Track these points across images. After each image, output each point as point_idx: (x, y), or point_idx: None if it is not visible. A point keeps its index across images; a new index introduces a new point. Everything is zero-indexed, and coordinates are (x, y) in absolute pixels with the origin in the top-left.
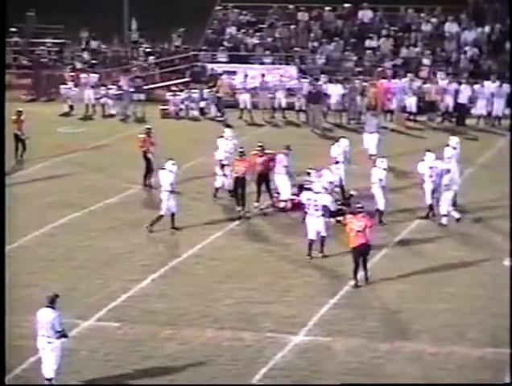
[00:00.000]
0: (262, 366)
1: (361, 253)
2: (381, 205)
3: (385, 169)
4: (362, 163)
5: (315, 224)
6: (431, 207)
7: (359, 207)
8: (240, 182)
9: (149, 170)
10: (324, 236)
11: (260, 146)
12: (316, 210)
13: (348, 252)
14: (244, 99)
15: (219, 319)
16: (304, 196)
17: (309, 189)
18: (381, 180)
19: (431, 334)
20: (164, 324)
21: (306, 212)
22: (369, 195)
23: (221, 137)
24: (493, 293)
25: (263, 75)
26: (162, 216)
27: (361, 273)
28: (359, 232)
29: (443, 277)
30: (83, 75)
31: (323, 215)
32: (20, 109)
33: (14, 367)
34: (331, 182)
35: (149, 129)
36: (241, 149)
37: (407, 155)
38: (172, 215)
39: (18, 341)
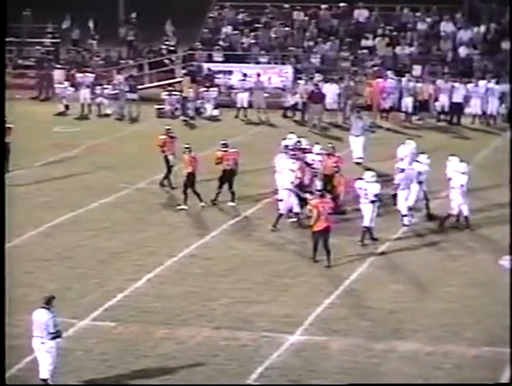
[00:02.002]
0: (258, 365)
1: (324, 236)
2: (465, 210)
3: (464, 173)
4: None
5: (365, 212)
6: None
7: (319, 190)
8: (190, 178)
9: (169, 171)
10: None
11: (224, 144)
12: (366, 198)
13: (343, 250)
14: (241, 98)
15: (215, 319)
16: (357, 185)
17: (361, 178)
18: (462, 186)
19: (427, 333)
20: (160, 323)
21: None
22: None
23: (284, 138)
24: (490, 293)
25: (259, 75)
26: (281, 215)
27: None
28: (328, 214)
29: (439, 276)
30: (79, 75)
31: (372, 203)
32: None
33: (10, 367)
34: (420, 173)
35: (169, 129)
36: (188, 145)
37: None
38: (296, 213)
39: (14, 341)
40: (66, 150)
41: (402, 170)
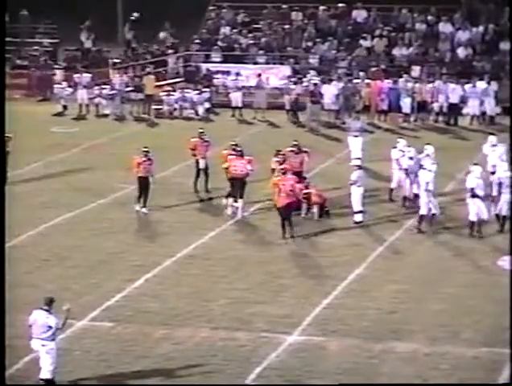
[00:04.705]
0: (256, 366)
1: (286, 212)
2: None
3: None
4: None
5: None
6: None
7: (282, 169)
8: (143, 181)
9: (199, 175)
10: (482, 219)
11: (237, 146)
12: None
13: (341, 251)
14: (235, 97)
15: (213, 319)
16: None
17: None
18: None
19: (425, 334)
20: (158, 324)
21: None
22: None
23: (395, 148)
24: (488, 293)
25: (259, 75)
26: (423, 216)
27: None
28: (289, 191)
29: (437, 277)
30: (76, 75)
31: (472, 197)
32: None
33: (8, 367)
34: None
35: (202, 132)
36: (146, 149)
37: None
38: (433, 215)
39: (12, 341)
40: (64, 150)
41: (360, 168)
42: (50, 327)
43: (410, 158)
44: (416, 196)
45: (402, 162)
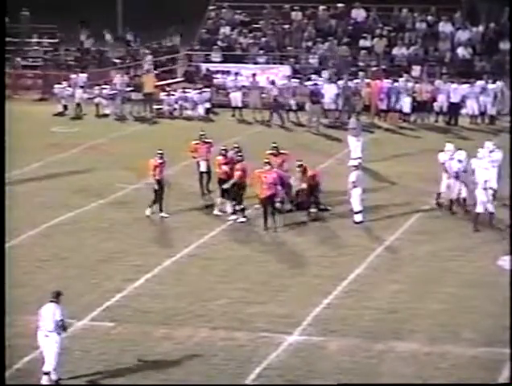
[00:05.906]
0: (256, 365)
1: (269, 203)
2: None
3: None
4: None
5: None
6: None
7: (267, 163)
8: (161, 183)
9: (202, 178)
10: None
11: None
12: None
13: (341, 251)
14: (235, 97)
15: (213, 319)
16: None
17: None
18: None
19: (425, 333)
20: (158, 324)
21: None
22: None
23: (441, 151)
24: (488, 293)
25: (254, 75)
26: (479, 214)
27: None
28: (271, 184)
29: (437, 276)
30: (72, 76)
31: None
32: None
33: (8, 367)
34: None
35: (202, 134)
36: (161, 151)
37: (403, 156)
38: (491, 214)
39: (12, 341)
40: (64, 150)
41: (357, 167)
42: (54, 319)
43: (460, 161)
44: (465, 200)
45: (451, 165)
